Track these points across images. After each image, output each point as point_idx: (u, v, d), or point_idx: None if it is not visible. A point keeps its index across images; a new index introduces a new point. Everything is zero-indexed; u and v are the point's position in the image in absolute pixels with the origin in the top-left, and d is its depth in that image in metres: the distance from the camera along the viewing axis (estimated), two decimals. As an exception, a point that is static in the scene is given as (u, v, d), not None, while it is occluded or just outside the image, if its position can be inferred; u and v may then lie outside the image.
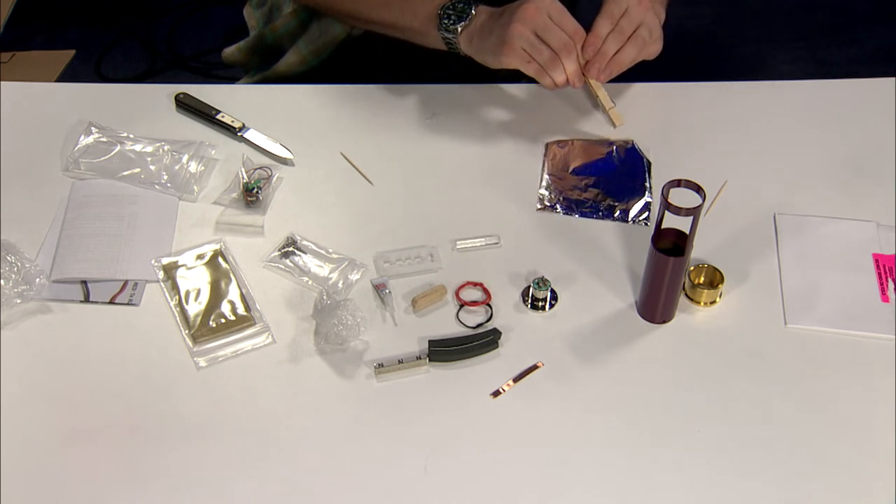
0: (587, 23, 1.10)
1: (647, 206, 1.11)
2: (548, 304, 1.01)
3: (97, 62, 2.64)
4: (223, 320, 0.99)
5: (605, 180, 1.14)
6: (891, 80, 1.26)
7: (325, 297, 0.96)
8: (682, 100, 1.25)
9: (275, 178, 1.13)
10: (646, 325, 0.99)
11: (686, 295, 1.01)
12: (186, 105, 1.22)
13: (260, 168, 1.13)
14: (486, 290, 1.02)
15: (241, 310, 1.00)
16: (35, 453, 0.89)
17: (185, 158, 1.15)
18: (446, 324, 0.99)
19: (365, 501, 0.86)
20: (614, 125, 1.14)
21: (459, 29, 1.11)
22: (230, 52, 1.40)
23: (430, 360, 0.95)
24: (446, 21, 1.11)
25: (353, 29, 1.28)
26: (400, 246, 1.06)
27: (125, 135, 1.18)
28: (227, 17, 1.38)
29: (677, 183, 0.90)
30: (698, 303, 1.01)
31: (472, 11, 1.11)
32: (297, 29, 1.32)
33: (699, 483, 0.86)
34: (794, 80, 1.28)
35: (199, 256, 1.05)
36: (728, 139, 1.19)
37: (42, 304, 1.01)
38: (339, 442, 0.90)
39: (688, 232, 0.91)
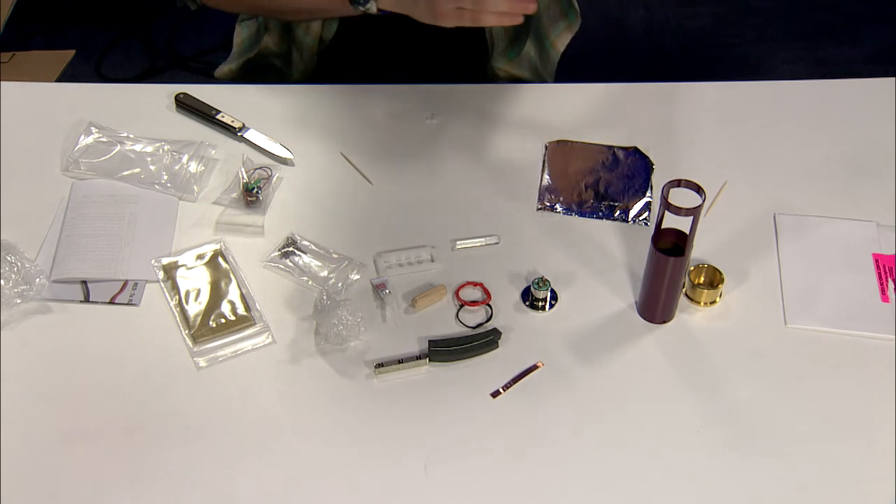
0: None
1: (647, 206, 1.11)
2: (548, 304, 1.01)
3: (97, 62, 2.63)
4: (223, 320, 0.99)
5: (606, 180, 1.14)
6: (891, 80, 1.26)
7: (325, 297, 0.96)
8: (682, 100, 1.25)
9: (275, 178, 1.13)
10: (646, 325, 0.99)
11: (686, 295, 1.01)
12: (186, 105, 1.22)
13: (260, 168, 1.13)
14: (486, 290, 1.02)
15: (241, 310, 1.00)
16: (35, 453, 0.89)
17: (185, 158, 1.15)
18: (446, 324, 0.99)
19: (365, 501, 0.86)
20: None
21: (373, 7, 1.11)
22: (223, 72, 1.40)
23: (430, 360, 0.95)
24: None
25: (323, 32, 1.28)
26: (400, 246, 1.06)
27: (125, 135, 1.18)
28: (228, 17, 1.37)
29: (677, 183, 0.90)
30: (698, 303, 1.01)
31: None
32: (286, 50, 1.33)
33: (699, 483, 0.86)
34: (794, 80, 1.28)
35: (199, 256, 1.05)
36: (728, 139, 1.19)
37: (42, 304, 1.01)
38: (339, 442, 0.90)
39: (688, 232, 0.91)
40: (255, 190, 1.10)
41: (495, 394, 0.93)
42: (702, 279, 1.02)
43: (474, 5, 1.03)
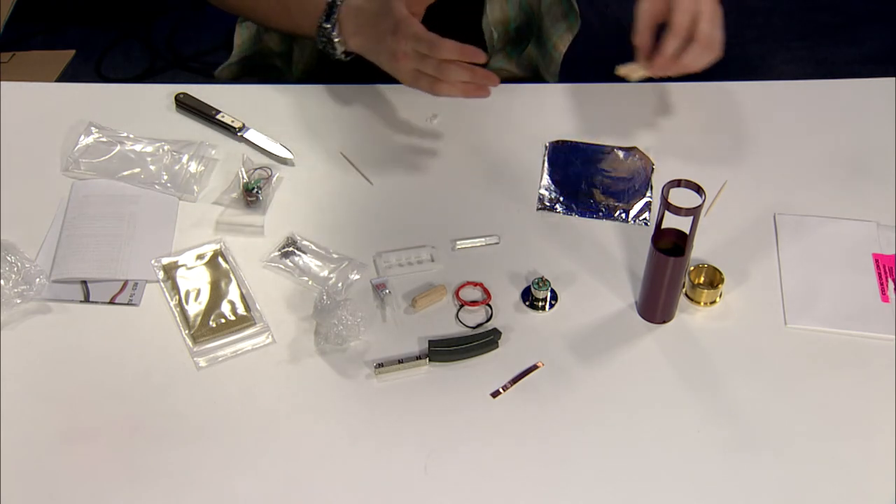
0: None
1: (647, 206, 1.11)
2: (548, 304, 1.01)
3: (97, 62, 2.64)
4: (223, 320, 0.99)
5: (605, 180, 1.14)
6: (891, 80, 1.26)
7: (325, 297, 0.96)
8: (682, 100, 1.25)
9: (275, 178, 1.13)
10: (646, 325, 0.99)
11: (686, 295, 1.01)
12: (186, 105, 1.22)
13: (260, 168, 1.13)
14: (486, 290, 1.02)
15: (241, 310, 1.00)
16: (35, 453, 0.89)
17: (185, 158, 1.15)
18: (446, 324, 0.99)
19: (365, 501, 0.86)
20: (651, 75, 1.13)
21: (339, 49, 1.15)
22: (223, 72, 1.40)
23: (430, 360, 0.95)
24: (323, 42, 1.14)
25: None
26: (400, 246, 1.06)
27: (125, 135, 1.18)
28: (227, 16, 1.38)
29: (677, 183, 0.90)
30: (698, 303, 1.01)
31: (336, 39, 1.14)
32: (286, 50, 1.33)
33: (699, 483, 0.86)
34: (794, 80, 1.28)
35: (199, 256, 1.05)
36: (728, 139, 1.19)
37: (42, 304, 1.01)
38: (340, 442, 0.90)
39: (688, 232, 0.91)
40: (255, 190, 1.10)
41: (495, 394, 0.93)
42: (702, 279, 1.02)
43: (435, 72, 1.04)
